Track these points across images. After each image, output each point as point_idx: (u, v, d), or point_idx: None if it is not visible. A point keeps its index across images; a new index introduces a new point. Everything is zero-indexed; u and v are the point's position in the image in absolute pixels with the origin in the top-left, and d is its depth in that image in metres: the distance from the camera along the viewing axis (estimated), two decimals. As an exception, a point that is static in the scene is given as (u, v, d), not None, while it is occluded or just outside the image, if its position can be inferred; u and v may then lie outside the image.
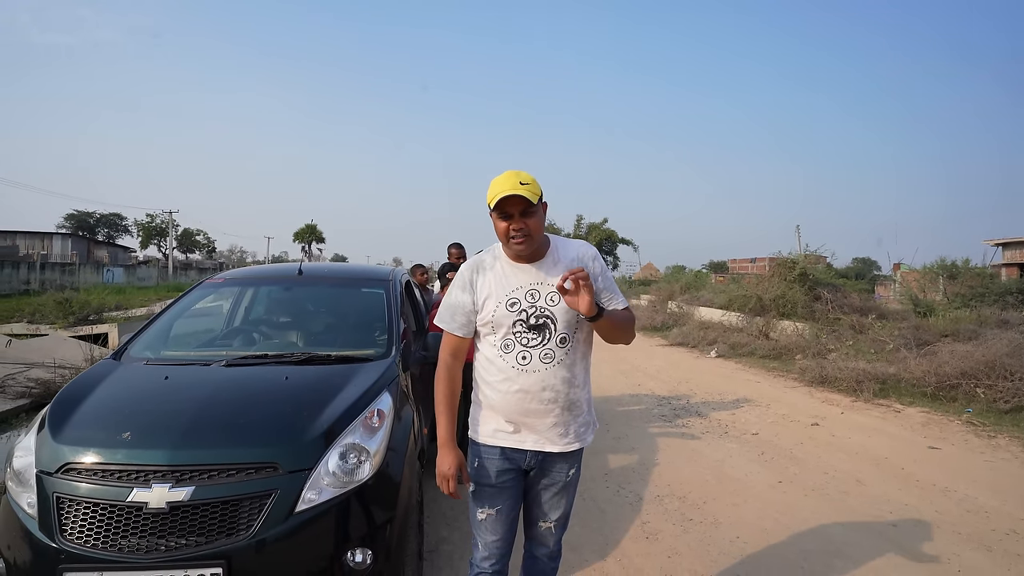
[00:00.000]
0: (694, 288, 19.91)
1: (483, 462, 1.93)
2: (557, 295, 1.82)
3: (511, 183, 1.75)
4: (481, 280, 1.90)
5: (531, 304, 1.84)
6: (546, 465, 1.94)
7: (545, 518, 2.01)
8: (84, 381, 2.65)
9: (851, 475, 4.36)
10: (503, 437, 1.90)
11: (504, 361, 1.86)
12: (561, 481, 1.96)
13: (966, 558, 3.09)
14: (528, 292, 1.85)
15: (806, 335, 10.55)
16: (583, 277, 1.70)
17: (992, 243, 26.60)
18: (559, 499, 1.99)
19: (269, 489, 2.06)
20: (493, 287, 1.87)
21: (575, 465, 1.98)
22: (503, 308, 1.84)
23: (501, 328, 1.85)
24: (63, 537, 1.98)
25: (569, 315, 1.83)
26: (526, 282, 1.86)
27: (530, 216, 1.79)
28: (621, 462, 4.64)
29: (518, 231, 1.79)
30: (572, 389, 1.88)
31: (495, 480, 1.91)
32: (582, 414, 1.93)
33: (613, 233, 39.05)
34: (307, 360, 2.86)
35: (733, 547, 3.20)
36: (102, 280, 35.24)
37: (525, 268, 1.88)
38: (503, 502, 1.93)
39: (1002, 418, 5.87)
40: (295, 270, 3.82)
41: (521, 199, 1.75)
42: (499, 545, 1.95)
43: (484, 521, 1.94)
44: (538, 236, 1.85)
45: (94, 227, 62.03)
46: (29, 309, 14.97)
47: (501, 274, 1.89)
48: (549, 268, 1.87)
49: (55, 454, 2.13)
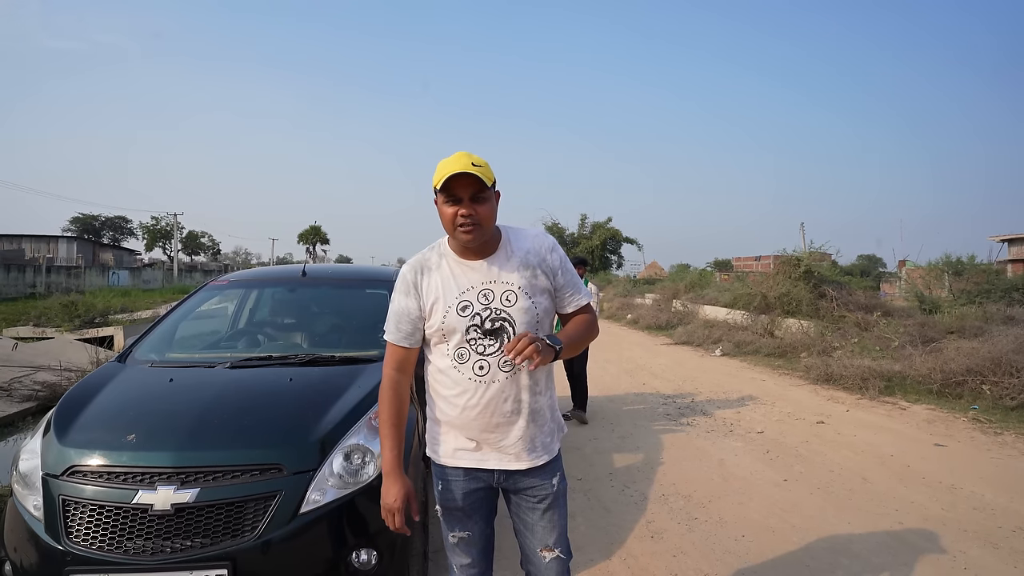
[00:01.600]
0: (699, 287, 19.84)
1: (447, 484, 1.75)
2: (513, 294, 1.65)
3: (462, 162, 1.55)
4: (426, 282, 1.69)
5: (485, 306, 1.63)
6: (521, 483, 1.73)
7: (543, 544, 1.74)
8: (89, 384, 2.67)
9: (857, 473, 4.35)
10: (464, 456, 1.71)
11: (459, 372, 1.66)
12: (549, 495, 1.73)
13: (972, 555, 3.08)
14: (480, 293, 1.64)
15: (811, 333, 10.52)
16: (527, 348, 1.48)
17: (998, 239, 26.44)
18: (551, 515, 1.74)
19: (274, 490, 2.07)
20: (441, 289, 1.66)
21: (556, 473, 1.76)
22: (454, 313, 1.63)
23: (454, 336, 1.65)
24: (69, 539, 1.99)
25: (527, 315, 1.65)
26: (477, 281, 1.66)
27: (481, 202, 1.58)
28: (626, 461, 4.64)
29: (467, 218, 1.57)
30: (535, 397, 1.69)
31: (462, 503, 1.73)
32: (546, 422, 1.74)
33: (617, 232, 38.99)
34: (311, 361, 2.87)
35: (738, 546, 3.20)
36: (107, 283, 35.40)
37: (475, 265, 1.67)
38: (473, 525, 1.76)
39: (1008, 415, 5.84)
40: (299, 271, 3.83)
41: (473, 179, 1.55)
42: (475, 568, 1.79)
43: (456, 545, 1.78)
44: (489, 226, 1.63)
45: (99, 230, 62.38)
46: (35, 312, 15.05)
47: (449, 274, 1.68)
48: (503, 263, 1.68)
49: (61, 457, 2.14)
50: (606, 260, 39.27)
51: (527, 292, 1.66)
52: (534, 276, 1.69)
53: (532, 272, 1.69)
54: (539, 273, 1.70)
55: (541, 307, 1.68)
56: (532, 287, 1.68)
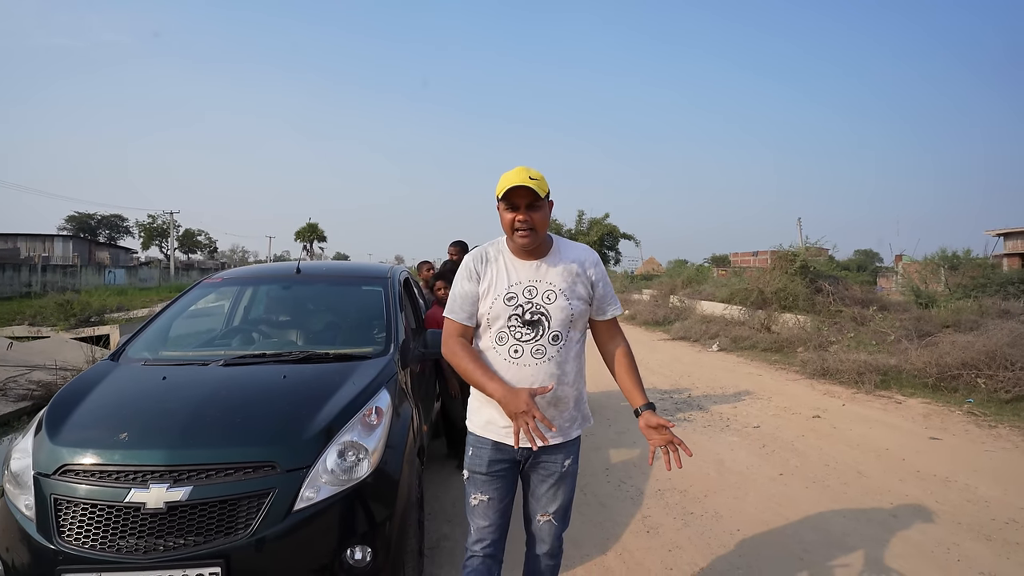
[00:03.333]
0: (696, 282, 19.84)
1: (476, 451, 1.99)
2: (554, 293, 1.90)
3: (521, 176, 1.84)
4: (484, 270, 1.96)
5: (528, 300, 1.89)
6: (539, 457, 1.97)
7: (543, 511, 2.02)
8: (81, 383, 2.65)
9: (852, 467, 4.36)
10: (494, 430, 1.95)
11: (496, 353, 1.91)
12: (557, 472, 1.98)
13: (966, 547, 3.09)
14: (526, 288, 1.91)
15: (808, 328, 10.53)
16: (673, 441, 1.91)
17: (994, 233, 26.45)
18: (556, 490, 2.00)
19: (267, 488, 2.06)
20: (494, 280, 1.93)
21: (571, 455, 2.00)
22: (501, 302, 1.90)
23: (497, 321, 1.90)
24: (61, 538, 1.98)
25: (563, 313, 1.89)
26: (526, 278, 1.92)
27: (536, 210, 1.86)
28: (623, 456, 4.64)
29: (523, 223, 1.86)
30: (560, 387, 1.91)
31: (487, 469, 1.96)
32: (567, 410, 1.97)
33: (615, 228, 38.99)
34: (305, 358, 2.86)
35: (734, 540, 3.20)
36: (104, 282, 35.28)
37: (527, 264, 1.94)
38: (494, 491, 1.97)
39: (1003, 408, 5.87)
40: (293, 268, 3.81)
41: (529, 191, 1.83)
42: (490, 531, 1.99)
43: (476, 507, 1.99)
44: (542, 231, 1.91)
45: (95, 229, 62.11)
46: (30, 312, 15.01)
47: (503, 268, 1.95)
48: (550, 266, 1.94)
49: (52, 456, 2.13)
50: (603, 256, 39.28)
51: (566, 294, 1.91)
52: (575, 283, 1.93)
53: (574, 279, 1.94)
54: (580, 281, 1.95)
55: (577, 310, 1.92)
56: (572, 291, 1.92)
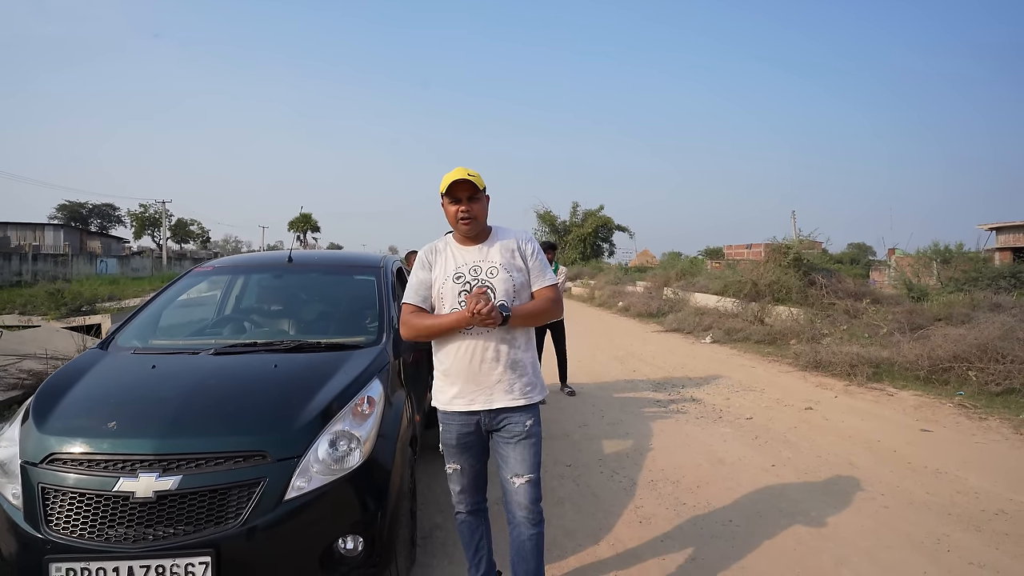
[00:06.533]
0: (690, 274, 19.86)
1: (445, 426, 2.24)
2: (495, 269, 2.17)
3: (460, 173, 2.14)
4: (435, 259, 2.25)
5: (474, 277, 2.17)
6: (502, 421, 2.17)
7: (515, 473, 2.16)
8: (69, 371, 2.62)
9: (844, 458, 4.39)
10: (457, 404, 2.18)
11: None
12: (520, 433, 2.16)
13: (956, 538, 3.11)
14: (471, 267, 2.19)
15: (800, 320, 10.57)
16: (481, 302, 1.99)
17: (986, 227, 26.59)
18: (521, 451, 2.16)
19: (258, 477, 2.05)
20: (443, 265, 2.22)
21: (531, 417, 2.19)
22: (450, 281, 2.17)
23: (447, 298, 2.16)
24: (49, 528, 1.96)
25: (506, 284, 2.15)
26: (470, 260, 2.21)
27: (475, 201, 2.16)
28: (615, 447, 4.65)
29: (465, 212, 2.15)
30: (513, 350, 2.16)
31: (456, 442, 2.22)
32: (526, 374, 2.19)
33: (609, 220, 38.98)
34: (297, 348, 2.84)
35: (726, 530, 3.22)
36: (96, 271, 35.02)
37: (470, 249, 2.23)
38: (464, 461, 2.25)
39: (993, 400, 5.91)
40: (285, 258, 3.77)
41: (468, 184, 2.13)
42: (468, 494, 2.30)
43: (452, 475, 2.29)
44: (481, 220, 2.21)
45: (87, 218, 61.60)
46: (21, 300, 14.87)
47: (451, 255, 2.24)
48: (490, 248, 2.23)
49: (40, 444, 2.10)
50: (598, 248, 39.26)
51: (506, 268, 2.18)
52: (512, 257, 2.22)
53: (511, 254, 2.22)
54: (516, 255, 2.23)
55: (517, 281, 2.18)
56: (510, 265, 2.19)
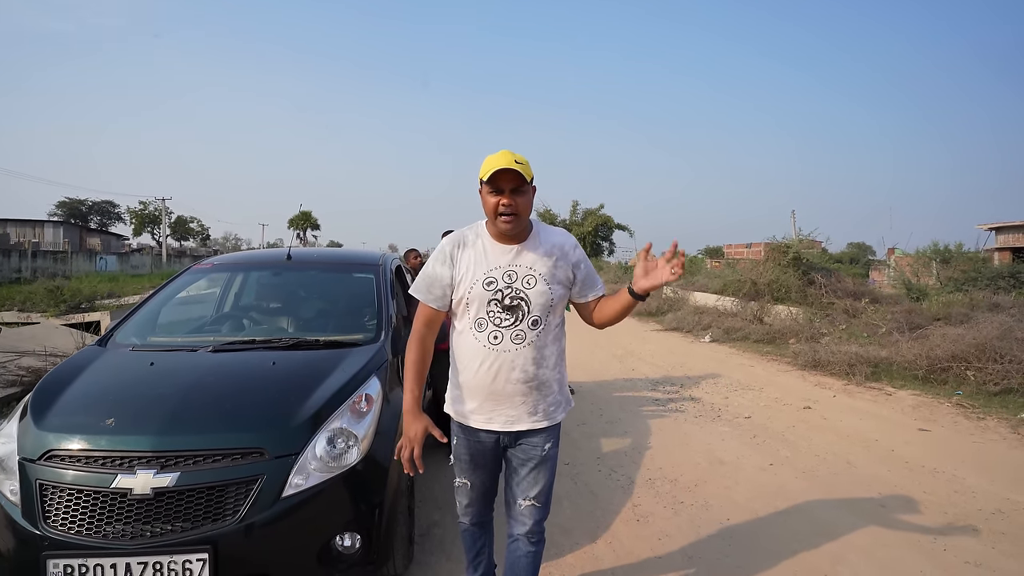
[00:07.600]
0: (689, 273, 19.88)
1: (459, 439, 2.04)
2: (534, 278, 1.88)
3: (507, 159, 1.78)
4: (462, 255, 1.92)
5: (508, 284, 1.87)
6: (520, 442, 1.98)
7: (524, 496, 2.01)
8: (68, 368, 2.62)
9: (842, 457, 4.39)
10: (475, 418, 1.96)
11: (476, 340, 1.90)
12: (537, 456, 1.98)
13: (953, 537, 3.12)
14: (506, 272, 1.88)
15: (800, 319, 10.57)
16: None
17: (986, 228, 26.59)
18: (536, 475, 1.99)
19: (256, 474, 2.05)
20: (473, 264, 1.89)
21: (551, 440, 2.00)
22: (480, 286, 1.87)
23: (474, 305, 1.88)
24: (46, 524, 1.97)
25: (543, 298, 1.87)
26: (505, 262, 1.89)
27: (520, 194, 1.82)
28: (614, 446, 4.65)
29: (508, 207, 1.81)
30: (541, 370, 1.92)
31: (468, 456, 2.03)
32: (552, 394, 1.97)
33: (609, 219, 38.92)
34: (295, 345, 2.85)
35: (723, 529, 3.22)
36: (95, 268, 34.98)
37: (507, 248, 1.91)
38: (476, 477, 2.05)
39: (991, 400, 5.92)
40: (284, 255, 3.78)
41: (515, 175, 1.78)
42: (472, 508, 2.12)
43: (460, 488, 2.11)
44: (525, 216, 1.87)
45: (86, 215, 61.52)
46: (20, 297, 14.87)
47: (482, 252, 1.91)
48: (530, 251, 1.91)
49: (38, 441, 2.11)
50: (598, 247, 39.22)
51: (546, 279, 1.89)
52: (555, 267, 1.91)
53: (554, 263, 1.91)
54: (560, 265, 1.92)
55: (556, 294, 1.90)
56: (552, 276, 1.90)
